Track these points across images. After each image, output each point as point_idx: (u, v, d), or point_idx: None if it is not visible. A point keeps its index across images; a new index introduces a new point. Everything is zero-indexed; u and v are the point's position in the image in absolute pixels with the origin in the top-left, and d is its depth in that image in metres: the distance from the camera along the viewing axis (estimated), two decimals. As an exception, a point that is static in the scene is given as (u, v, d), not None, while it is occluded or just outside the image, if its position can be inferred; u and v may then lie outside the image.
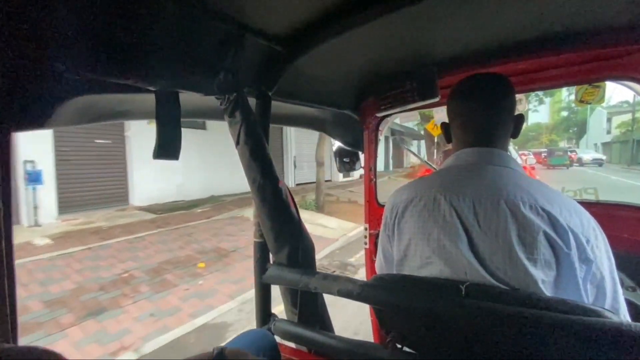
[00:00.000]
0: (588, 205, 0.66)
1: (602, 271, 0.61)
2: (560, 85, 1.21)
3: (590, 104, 1.22)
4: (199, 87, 0.72)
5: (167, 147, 0.68)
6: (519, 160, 7.40)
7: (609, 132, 32.70)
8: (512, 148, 8.11)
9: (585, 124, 36.59)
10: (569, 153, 24.18)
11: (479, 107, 0.75)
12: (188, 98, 0.74)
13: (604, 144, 32.81)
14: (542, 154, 26.66)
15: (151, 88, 0.65)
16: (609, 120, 32.99)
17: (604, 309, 0.53)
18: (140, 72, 0.63)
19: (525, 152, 22.11)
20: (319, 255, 4.41)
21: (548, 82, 1.16)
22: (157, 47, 0.64)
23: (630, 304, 0.77)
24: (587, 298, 0.61)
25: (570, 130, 42.71)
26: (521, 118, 0.78)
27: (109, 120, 0.75)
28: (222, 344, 0.70)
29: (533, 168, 8.31)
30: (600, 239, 0.62)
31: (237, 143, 0.81)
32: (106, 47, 0.58)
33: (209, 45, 0.72)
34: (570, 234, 0.59)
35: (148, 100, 0.67)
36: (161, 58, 0.65)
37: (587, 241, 0.59)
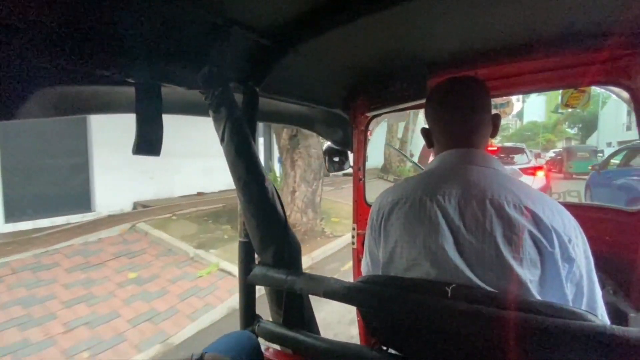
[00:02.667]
0: (572, 207, 0.67)
1: (581, 270, 0.62)
2: (547, 89, 1.23)
3: (575, 108, 1.24)
4: (182, 81, 0.69)
5: (148, 143, 0.65)
6: (533, 161, 7.35)
7: (629, 127, 23.37)
8: (525, 147, 8.05)
9: (594, 120, 28.32)
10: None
11: (456, 109, 0.76)
12: (170, 92, 0.71)
13: (622, 143, 23.26)
14: (546, 155, 19.49)
15: (130, 80, 0.62)
16: (630, 113, 23.56)
17: (588, 312, 0.53)
18: (118, 62, 0.60)
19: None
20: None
21: (535, 85, 1.17)
22: (137, 36, 0.61)
23: (611, 306, 0.79)
24: (569, 297, 0.62)
25: (575, 128, 34.62)
26: (498, 117, 0.80)
27: (85, 113, 0.72)
28: (203, 349, 0.68)
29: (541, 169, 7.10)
30: (580, 238, 0.63)
31: (222, 140, 0.78)
32: (81, 35, 0.55)
33: (193, 36, 0.69)
34: (553, 232, 0.60)
35: (127, 93, 0.64)
36: (141, 48, 0.62)
37: (569, 240, 0.61)
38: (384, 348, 0.74)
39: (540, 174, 6.76)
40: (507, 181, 0.67)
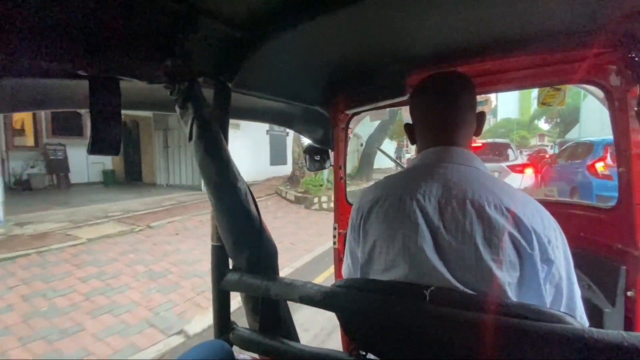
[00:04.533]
0: (547, 204, 0.67)
1: (560, 271, 0.61)
2: (524, 87, 1.24)
3: (551, 106, 1.26)
4: (143, 75, 0.64)
5: (104, 142, 0.59)
6: (519, 159, 7.18)
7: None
8: (511, 143, 7.93)
9: (574, 113, 23.51)
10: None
11: (440, 106, 0.75)
12: (131, 86, 0.65)
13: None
14: (526, 152, 16.56)
15: (82, 73, 0.56)
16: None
17: (566, 313, 0.53)
18: (68, 54, 0.54)
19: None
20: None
21: (512, 83, 1.18)
22: (90, 24, 0.55)
23: (587, 302, 0.80)
24: (547, 299, 0.61)
25: (552, 123, 30.95)
26: (483, 115, 0.79)
27: (34, 109, 0.66)
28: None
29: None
30: (560, 239, 0.63)
31: (190, 138, 0.73)
32: (27, 23, 0.49)
33: (155, 26, 0.64)
34: (533, 234, 0.59)
35: (81, 87, 0.58)
36: (95, 38, 0.56)
37: (549, 241, 0.60)
38: (363, 353, 0.72)
39: (529, 171, 6.72)
40: (488, 181, 0.66)
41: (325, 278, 4.02)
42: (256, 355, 0.87)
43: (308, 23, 0.72)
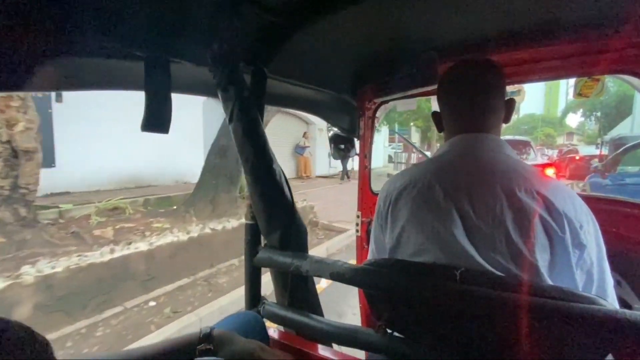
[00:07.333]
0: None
1: (592, 257, 0.61)
2: (559, 77, 1.20)
3: (588, 97, 1.22)
4: (191, 56, 0.68)
5: (156, 120, 0.64)
6: (538, 159, 6.89)
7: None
8: (531, 142, 7.59)
9: (623, 103, 19.18)
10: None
11: (468, 93, 0.74)
12: (179, 69, 0.70)
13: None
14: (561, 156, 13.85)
15: (140, 54, 0.61)
16: None
17: (597, 296, 0.53)
18: (128, 34, 0.59)
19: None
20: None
21: (547, 73, 1.15)
22: (147, 8, 0.60)
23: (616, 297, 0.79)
24: (579, 284, 0.61)
25: (592, 116, 24.94)
26: (512, 102, 0.78)
27: (95, 88, 0.70)
28: (210, 326, 0.69)
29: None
30: (592, 225, 0.62)
31: (230, 120, 0.77)
32: (90, 3, 0.53)
33: (203, 11, 0.67)
34: (564, 218, 0.59)
35: (136, 69, 0.63)
36: (151, 21, 0.61)
37: (580, 226, 0.60)
38: (389, 331, 0.74)
39: (550, 172, 6.20)
40: (518, 166, 0.66)
41: None
42: (283, 329, 0.92)
43: (342, 11, 0.74)
